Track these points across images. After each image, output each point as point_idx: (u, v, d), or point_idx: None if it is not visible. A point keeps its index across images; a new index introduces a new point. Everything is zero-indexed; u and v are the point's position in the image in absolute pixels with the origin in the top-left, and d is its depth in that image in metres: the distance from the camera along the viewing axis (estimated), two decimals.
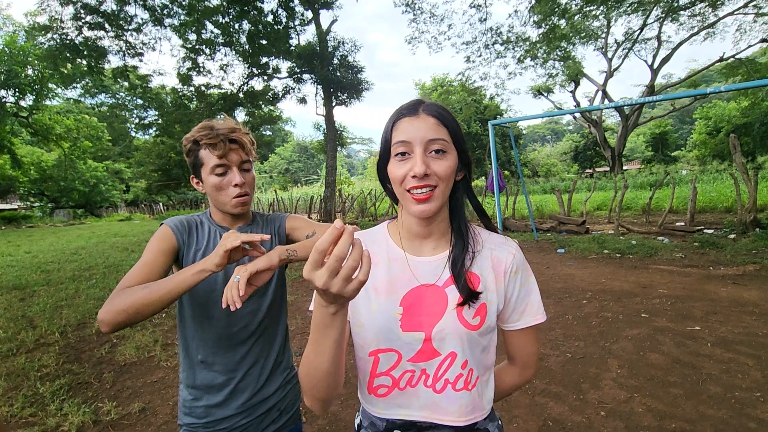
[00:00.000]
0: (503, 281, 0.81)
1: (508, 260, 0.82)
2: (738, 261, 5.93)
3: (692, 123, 37.53)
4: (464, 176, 0.82)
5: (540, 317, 0.84)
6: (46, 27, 12.19)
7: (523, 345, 0.88)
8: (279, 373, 1.23)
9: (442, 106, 0.77)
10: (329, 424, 2.54)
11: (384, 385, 0.81)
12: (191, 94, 16.65)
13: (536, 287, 0.86)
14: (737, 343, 3.30)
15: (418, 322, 0.78)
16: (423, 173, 0.71)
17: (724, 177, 16.57)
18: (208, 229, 1.18)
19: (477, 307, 0.78)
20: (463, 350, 0.78)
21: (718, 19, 19.78)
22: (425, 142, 0.73)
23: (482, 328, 0.78)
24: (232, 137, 1.11)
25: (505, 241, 0.85)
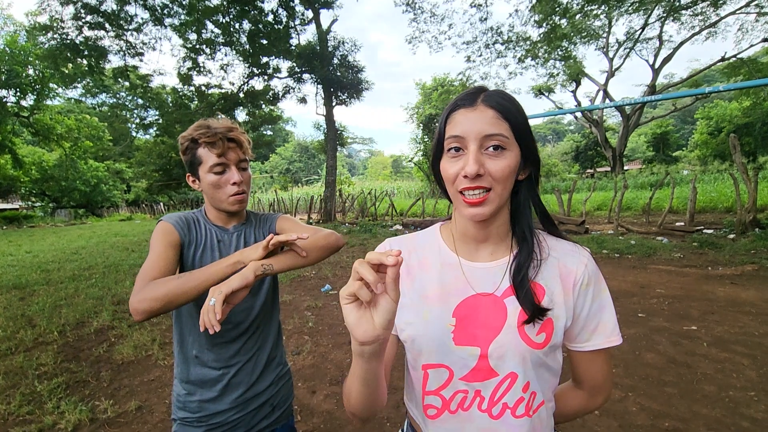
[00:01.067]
0: (572, 295, 0.71)
1: (579, 271, 0.72)
2: (736, 261, 5.92)
3: (694, 123, 37.47)
4: (529, 175, 0.72)
5: (615, 339, 0.73)
6: (46, 27, 12.22)
7: (593, 368, 0.77)
8: (272, 369, 1.24)
9: (506, 95, 0.68)
10: (324, 422, 2.55)
11: (433, 405, 0.74)
12: (192, 94, 16.68)
13: (611, 304, 0.74)
14: (733, 342, 3.30)
15: (473, 336, 0.70)
16: (475, 173, 0.64)
17: (725, 177, 16.54)
18: (204, 228, 1.20)
19: (542, 322, 0.69)
20: (525, 371, 0.69)
21: (719, 19, 19.74)
22: (481, 137, 0.65)
23: (548, 347, 0.69)
24: (230, 136, 1.11)
25: (576, 249, 0.75)
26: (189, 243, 1.15)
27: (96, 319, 4.71)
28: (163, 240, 1.09)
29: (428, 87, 33.75)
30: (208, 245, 1.17)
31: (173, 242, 1.10)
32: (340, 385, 2.97)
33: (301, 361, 3.41)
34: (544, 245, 0.74)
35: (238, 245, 1.21)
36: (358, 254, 8.20)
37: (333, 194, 17.05)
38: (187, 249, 1.14)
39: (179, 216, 1.18)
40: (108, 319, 4.68)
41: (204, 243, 1.17)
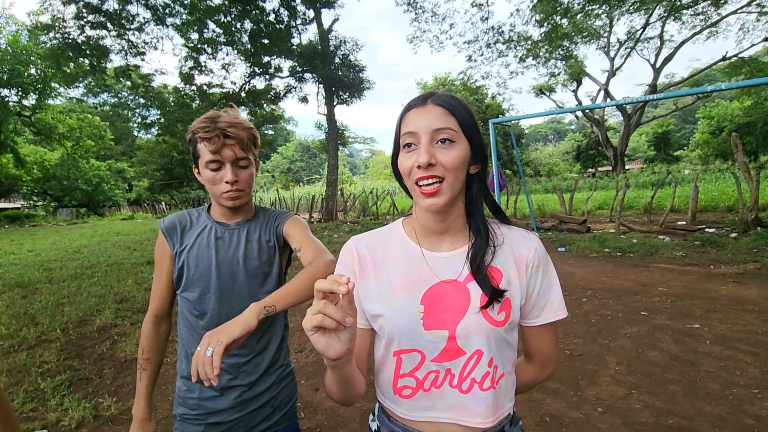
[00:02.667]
0: (525, 276, 0.79)
1: (530, 254, 0.80)
2: (739, 260, 5.92)
3: (695, 122, 37.41)
4: (480, 170, 0.79)
5: (561, 313, 0.81)
6: (48, 26, 12.24)
7: (543, 342, 0.84)
8: (274, 370, 1.21)
9: (452, 96, 0.75)
10: (328, 419, 2.56)
11: (408, 386, 0.79)
12: (193, 94, 16.69)
13: (557, 282, 0.83)
14: (736, 340, 3.30)
15: (441, 320, 0.75)
16: (427, 162, 0.69)
17: (727, 176, 16.51)
18: (203, 225, 1.18)
19: (502, 302, 0.76)
20: (489, 348, 0.75)
21: (720, 18, 19.69)
22: (431, 131, 0.71)
23: (507, 324, 0.76)
24: (228, 132, 1.08)
25: (527, 234, 0.83)
26: (181, 247, 1.16)
27: (99, 317, 4.72)
28: (159, 254, 1.19)
29: (429, 86, 33.75)
30: (204, 243, 1.16)
31: (165, 254, 1.18)
32: None
33: (304, 358, 3.42)
34: (498, 233, 0.81)
35: (239, 242, 1.18)
36: None
37: (334, 193, 17.06)
38: (179, 254, 1.15)
39: (173, 219, 1.19)
40: (110, 317, 4.69)
41: (199, 242, 1.16)
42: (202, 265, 1.14)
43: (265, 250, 1.21)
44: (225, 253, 1.16)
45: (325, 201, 17.23)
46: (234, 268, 1.15)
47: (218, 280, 1.13)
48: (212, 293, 1.13)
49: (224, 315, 1.12)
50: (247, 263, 1.17)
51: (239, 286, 1.15)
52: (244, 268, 1.16)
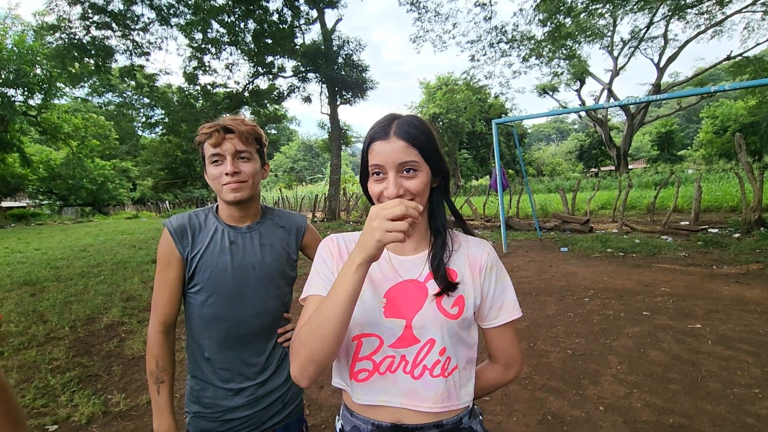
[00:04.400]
0: (479, 277, 0.88)
1: (483, 258, 0.89)
2: (741, 260, 5.92)
3: (699, 122, 37.24)
4: (440, 183, 0.89)
5: (516, 313, 0.90)
6: (54, 26, 12.33)
7: (504, 342, 0.92)
8: (284, 367, 1.24)
9: (412, 124, 0.82)
10: (332, 416, 2.59)
11: (365, 369, 0.85)
12: (197, 93, 16.77)
13: (511, 285, 0.92)
14: (738, 340, 3.32)
15: (400, 311, 0.83)
16: (395, 195, 0.78)
17: (730, 176, 16.45)
18: (214, 228, 1.16)
19: (455, 298, 0.85)
20: (442, 338, 0.83)
21: (725, 17, 19.61)
22: (396, 165, 0.79)
23: (460, 318, 0.84)
24: (227, 126, 1.10)
25: (480, 241, 0.93)
26: (192, 251, 1.12)
27: (106, 315, 4.79)
28: (164, 258, 1.12)
29: (432, 86, 33.72)
30: (218, 248, 1.13)
31: (174, 258, 1.12)
32: None
33: None
34: (456, 239, 0.92)
35: (253, 247, 1.18)
36: None
37: (337, 193, 17.10)
38: (190, 259, 1.12)
39: (184, 221, 1.14)
40: (118, 315, 4.75)
41: (212, 246, 1.13)
42: (217, 270, 1.12)
43: (281, 257, 1.23)
44: (240, 258, 1.15)
45: (327, 200, 17.28)
46: (248, 274, 1.15)
47: (232, 285, 1.13)
48: (223, 297, 1.13)
49: (232, 319, 1.14)
50: (262, 269, 1.18)
51: (251, 291, 1.16)
52: (259, 274, 1.17)
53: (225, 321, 1.14)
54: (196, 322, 1.16)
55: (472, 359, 0.91)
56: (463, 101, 29.01)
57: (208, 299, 1.13)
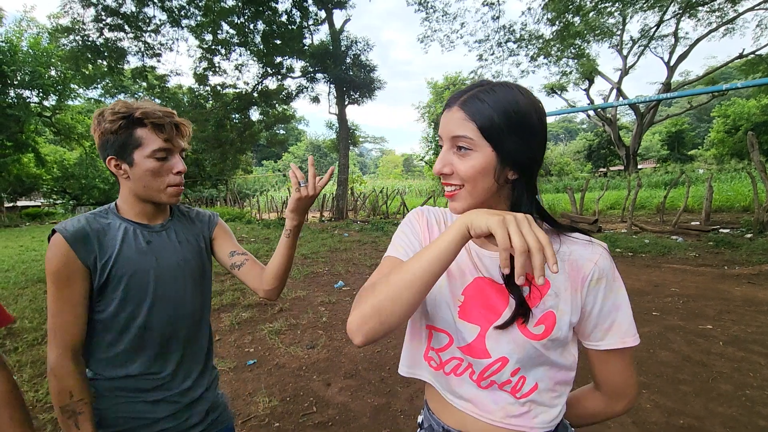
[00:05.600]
0: (580, 290, 0.71)
1: (588, 266, 0.70)
2: (753, 260, 5.83)
3: (710, 121, 36.67)
4: (520, 176, 0.69)
5: (629, 339, 0.71)
6: (68, 29, 12.56)
7: (609, 369, 0.75)
8: (206, 375, 1.17)
9: (493, 93, 0.66)
10: (339, 413, 2.60)
11: (434, 359, 0.80)
12: (207, 94, 16.94)
13: (627, 303, 0.73)
14: (750, 342, 3.27)
15: (477, 315, 0.73)
16: (438, 171, 0.69)
17: (742, 176, 16.19)
18: (122, 229, 1.02)
19: (542, 314, 0.70)
20: (517, 359, 0.70)
21: (737, 15, 19.31)
22: (449, 138, 0.69)
23: (546, 340, 0.69)
24: (176, 121, 1.01)
25: (589, 244, 0.73)
26: (102, 258, 0.97)
27: None
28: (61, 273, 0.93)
29: (440, 86, 33.66)
30: (134, 250, 1.01)
31: (77, 271, 0.94)
32: (354, 378, 3.02)
33: (315, 354, 3.48)
34: (555, 240, 0.74)
35: (173, 244, 1.08)
36: (370, 252, 8.26)
37: (345, 192, 17.16)
38: (101, 268, 0.96)
39: (83, 226, 0.97)
40: None
41: (126, 249, 1.00)
42: (138, 274, 1.00)
43: (199, 252, 1.16)
44: (162, 258, 1.05)
45: (335, 200, 17.34)
46: (175, 273, 1.07)
47: (158, 288, 1.03)
48: (149, 302, 1.02)
49: (162, 323, 1.05)
50: (186, 267, 1.10)
51: (179, 290, 1.07)
52: (184, 272, 1.09)
53: (149, 327, 1.03)
54: (107, 335, 1.01)
55: (563, 381, 0.76)
56: None
57: (126, 306, 0.99)
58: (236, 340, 3.78)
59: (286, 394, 2.81)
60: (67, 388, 0.93)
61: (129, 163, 0.99)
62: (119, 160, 0.99)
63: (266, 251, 8.53)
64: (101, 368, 1.02)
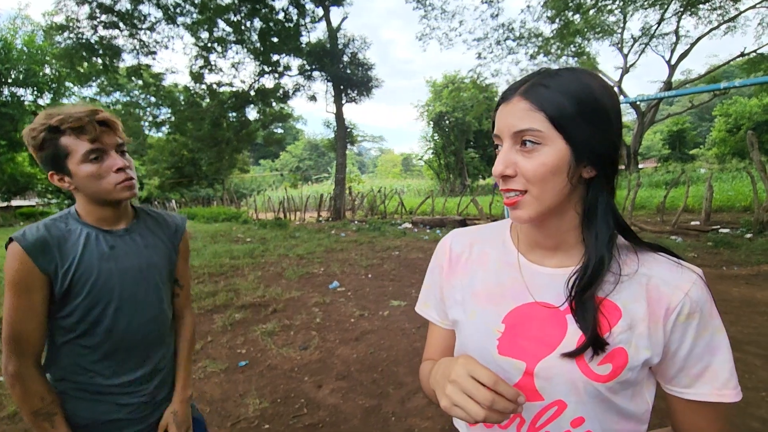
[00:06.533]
0: (663, 325, 0.57)
1: (676, 297, 0.57)
2: (752, 261, 5.80)
3: (712, 120, 36.68)
4: (597, 174, 0.59)
5: (729, 392, 0.57)
6: (62, 26, 12.52)
7: (695, 422, 0.60)
8: (170, 377, 1.17)
9: (558, 78, 0.57)
10: (330, 415, 2.58)
11: None
12: (203, 92, 16.89)
13: (727, 346, 0.58)
14: (746, 343, 3.24)
15: (521, 349, 0.61)
16: (499, 174, 0.58)
17: (743, 176, 16.17)
18: (84, 235, 1.00)
19: (609, 351, 0.57)
20: (577, 403, 0.59)
21: (739, 13, 19.25)
22: (511, 134, 0.58)
23: (614, 382, 0.57)
24: (99, 119, 0.96)
25: (679, 270, 0.59)
26: (63, 266, 0.94)
27: None
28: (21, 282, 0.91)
29: (439, 84, 33.60)
30: (96, 255, 0.98)
31: (37, 280, 0.92)
32: (346, 380, 3.00)
33: (308, 356, 3.44)
34: (632, 258, 0.61)
35: (137, 249, 1.06)
36: (366, 252, 8.22)
37: (342, 192, 17.13)
38: (62, 275, 0.94)
39: (42, 234, 0.94)
40: None
41: (88, 255, 0.97)
42: (101, 280, 0.98)
43: (167, 255, 1.14)
44: (126, 263, 1.03)
45: (333, 200, 17.30)
46: (139, 277, 1.05)
47: (123, 292, 1.01)
48: (114, 307, 1.00)
49: (128, 327, 1.03)
50: (152, 271, 1.08)
51: (142, 296, 1.05)
52: (149, 276, 1.07)
53: (114, 331, 1.01)
54: (73, 340, 1.00)
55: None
56: (470, 99, 28.84)
57: (91, 312, 0.98)
58: (228, 342, 3.74)
59: (277, 396, 2.78)
60: (37, 393, 0.94)
61: (68, 174, 0.97)
62: (58, 174, 0.98)
63: (261, 251, 8.50)
64: (67, 372, 1.01)
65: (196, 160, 24.33)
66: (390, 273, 6.24)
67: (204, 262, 7.18)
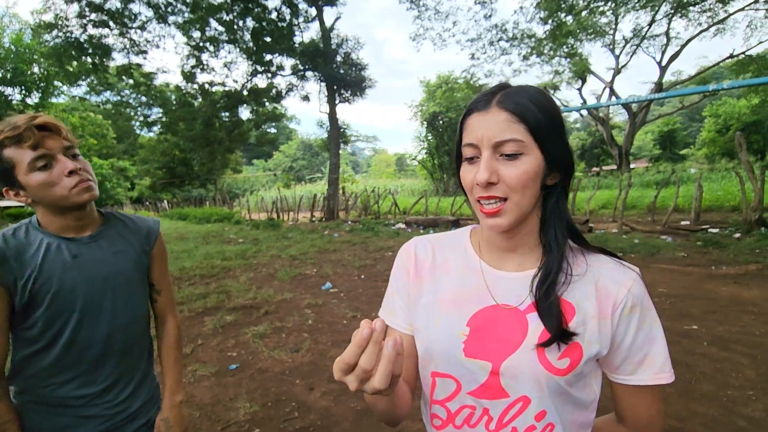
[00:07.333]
0: (611, 319, 0.63)
1: (621, 293, 0.63)
2: (740, 260, 5.88)
3: (702, 120, 37.12)
4: (559, 180, 0.65)
5: (666, 376, 0.64)
6: (51, 25, 12.34)
7: (639, 407, 0.67)
8: (145, 387, 1.14)
9: (527, 93, 0.61)
10: (321, 418, 2.56)
11: (439, 416, 0.70)
12: (195, 92, 16.76)
13: (662, 336, 0.66)
14: (733, 342, 3.28)
15: (487, 350, 0.64)
16: (485, 181, 0.60)
17: (732, 176, 16.39)
18: (44, 245, 0.96)
19: (567, 345, 0.62)
20: (540, 397, 0.62)
21: (728, 15, 19.51)
22: (492, 144, 0.60)
23: (571, 375, 0.62)
24: (37, 123, 0.91)
25: (620, 267, 0.66)
26: (22, 277, 0.92)
27: None
28: None
29: (432, 85, 33.65)
30: (58, 265, 0.95)
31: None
32: (337, 382, 2.94)
33: (299, 358, 3.43)
34: (581, 260, 0.67)
35: (104, 256, 1.02)
36: (359, 252, 8.21)
37: (336, 192, 17.09)
38: (21, 287, 0.91)
39: None
40: None
41: (48, 265, 0.94)
42: (64, 291, 0.95)
43: (137, 261, 1.10)
44: (92, 270, 0.99)
45: (326, 200, 17.26)
46: (105, 285, 1.01)
47: (87, 302, 0.98)
48: (77, 317, 0.97)
49: (94, 336, 1.00)
50: (120, 278, 1.04)
51: (109, 305, 1.02)
52: (117, 283, 1.03)
53: (78, 342, 0.98)
54: (36, 353, 0.97)
55: (587, 424, 0.68)
56: (464, 100, 28.91)
57: (54, 323, 0.95)
58: (219, 344, 3.72)
59: (268, 399, 2.76)
60: None
61: (21, 188, 0.93)
62: (12, 189, 0.94)
63: (253, 252, 8.45)
64: (30, 385, 0.98)
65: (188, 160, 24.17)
66: (383, 274, 6.23)
67: (195, 264, 7.12)
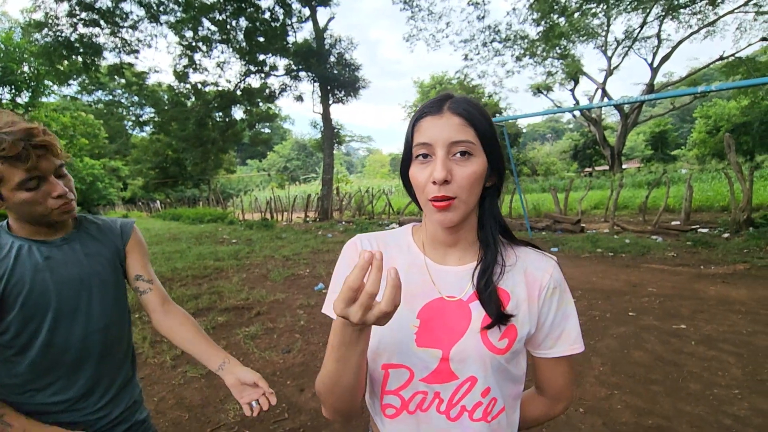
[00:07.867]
0: (537, 302, 0.73)
1: (544, 278, 0.73)
2: (729, 260, 5.94)
3: (692, 122, 37.53)
4: (495, 183, 0.73)
5: (578, 346, 0.75)
6: (41, 24, 12.21)
7: (556, 375, 0.78)
8: (127, 392, 1.12)
9: (472, 102, 0.69)
10: (311, 419, 2.55)
11: (392, 405, 0.74)
12: (188, 92, 16.68)
13: (575, 313, 0.76)
14: (721, 341, 3.32)
15: (436, 339, 0.70)
16: (443, 179, 0.64)
17: (722, 176, 16.59)
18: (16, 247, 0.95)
19: (505, 327, 0.70)
20: (485, 376, 0.70)
21: (718, 18, 19.74)
22: (448, 144, 0.65)
23: (509, 353, 0.70)
24: (36, 142, 0.88)
25: (543, 257, 0.76)
26: None
27: None
28: None
29: (426, 85, 33.73)
30: (29, 267, 0.93)
31: None
32: None
33: (291, 359, 3.42)
34: (511, 252, 0.76)
35: (77, 258, 1.01)
36: None
37: (330, 192, 17.06)
38: None
39: None
40: None
41: (19, 268, 0.93)
42: (35, 293, 0.94)
43: (112, 263, 1.09)
44: (64, 272, 0.98)
45: (320, 200, 17.22)
46: (79, 287, 1.00)
47: (61, 305, 0.96)
48: (50, 320, 0.96)
49: (69, 340, 0.98)
50: (94, 279, 1.03)
51: (84, 307, 1.00)
52: (91, 286, 1.02)
53: (53, 345, 0.96)
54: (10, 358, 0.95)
55: (518, 395, 0.79)
56: None
57: (27, 327, 0.94)
58: None
59: None
60: None
61: (1, 199, 0.91)
62: None
63: (246, 253, 8.41)
64: (6, 392, 0.96)
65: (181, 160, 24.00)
66: None
67: (188, 264, 7.08)
